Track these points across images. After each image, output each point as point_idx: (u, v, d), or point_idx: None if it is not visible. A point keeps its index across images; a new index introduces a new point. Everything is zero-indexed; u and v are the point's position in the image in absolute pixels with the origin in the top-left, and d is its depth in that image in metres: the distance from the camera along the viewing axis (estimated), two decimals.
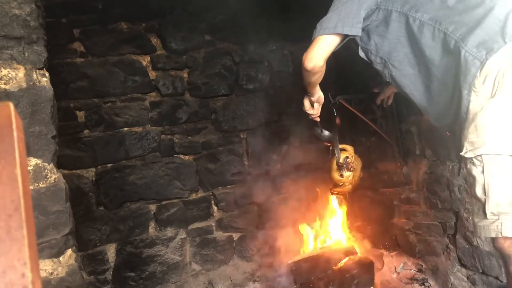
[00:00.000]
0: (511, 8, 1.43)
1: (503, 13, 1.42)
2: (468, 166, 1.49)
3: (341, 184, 2.30)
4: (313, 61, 1.66)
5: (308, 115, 2.12)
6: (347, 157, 2.27)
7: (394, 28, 1.64)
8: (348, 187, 2.32)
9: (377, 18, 1.66)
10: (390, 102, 2.46)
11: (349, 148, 2.35)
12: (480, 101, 1.43)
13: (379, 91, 2.43)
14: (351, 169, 2.25)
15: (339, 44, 1.67)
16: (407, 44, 1.62)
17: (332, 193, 2.54)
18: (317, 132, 2.27)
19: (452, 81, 1.51)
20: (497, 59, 1.38)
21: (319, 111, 2.11)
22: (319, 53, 1.65)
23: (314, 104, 2.05)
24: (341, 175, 2.26)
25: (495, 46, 1.38)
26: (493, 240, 1.50)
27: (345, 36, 1.65)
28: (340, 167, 2.27)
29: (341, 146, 2.38)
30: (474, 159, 1.46)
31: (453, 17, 1.51)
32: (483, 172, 1.43)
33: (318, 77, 1.80)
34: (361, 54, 1.76)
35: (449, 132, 1.66)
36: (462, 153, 1.48)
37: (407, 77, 1.66)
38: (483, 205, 1.45)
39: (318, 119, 2.18)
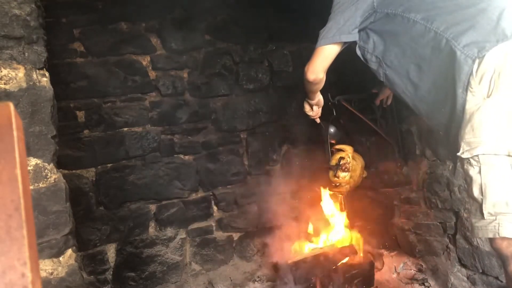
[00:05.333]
0: (503, 8, 1.43)
1: (495, 13, 1.43)
2: (465, 166, 1.49)
3: (337, 184, 2.30)
4: (315, 73, 1.78)
5: (308, 116, 2.24)
6: (341, 158, 2.27)
7: (389, 29, 1.67)
8: (346, 187, 2.32)
9: (375, 19, 1.70)
10: (389, 102, 2.47)
11: (348, 149, 2.35)
12: (477, 101, 1.43)
13: (378, 91, 2.43)
14: (345, 170, 2.25)
15: (340, 50, 1.75)
16: (400, 44, 1.65)
17: (331, 193, 2.55)
18: (323, 132, 2.33)
19: (444, 80, 1.53)
20: (493, 58, 1.39)
21: (319, 113, 2.24)
22: (320, 65, 1.76)
23: (313, 107, 2.17)
24: (336, 176, 2.27)
25: (487, 45, 1.39)
26: (491, 240, 1.50)
27: (344, 43, 1.74)
28: (332, 168, 2.28)
29: (339, 146, 2.39)
30: (471, 160, 1.46)
31: (445, 16, 1.53)
32: (480, 172, 1.43)
33: (319, 86, 1.91)
34: (358, 52, 1.81)
35: (443, 131, 1.66)
36: (459, 154, 1.48)
37: (400, 77, 1.69)
38: (480, 206, 1.45)
39: (318, 120, 2.30)
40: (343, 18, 1.69)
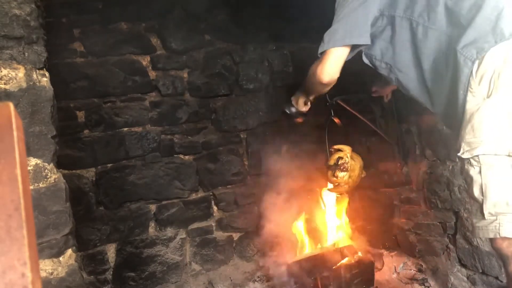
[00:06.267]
0: (501, 8, 1.43)
1: (494, 13, 1.43)
2: (466, 166, 1.49)
3: (336, 184, 2.30)
4: (330, 74, 1.71)
5: (298, 112, 2.23)
6: (340, 157, 2.27)
7: (398, 33, 1.65)
8: (344, 187, 2.32)
9: (381, 24, 1.69)
10: (389, 97, 2.46)
11: (346, 149, 2.34)
12: (477, 101, 1.44)
13: (377, 88, 2.43)
14: (344, 169, 2.25)
15: (349, 55, 1.70)
16: (411, 48, 1.63)
17: (331, 193, 2.55)
18: (288, 109, 2.27)
19: (449, 83, 1.53)
20: (492, 59, 1.39)
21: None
22: (334, 66, 1.69)
23: (308, 103, 2.18)
24: (335, 176, 2.27)
25: (486, 46, 1.40)
26: (492, 240, 1.51)
27: (353, 47, 1.68)
28: (331, 168, 2.28)
29: (338, 146, 2.39)
30: (471, 160, 1.46)
31: (449, 18, 1.52)
32: (480, 172, 1.44)
33: (329, 87, 1.86)
34: (365, 60, 1.78)
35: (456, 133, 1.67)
36: (459, 154, 1.49)
37: (412, 81, 1.68)
38: (480, 206, 1.45)
39: (301, 120, 2.31)
40: (350, 20, 1.66)
